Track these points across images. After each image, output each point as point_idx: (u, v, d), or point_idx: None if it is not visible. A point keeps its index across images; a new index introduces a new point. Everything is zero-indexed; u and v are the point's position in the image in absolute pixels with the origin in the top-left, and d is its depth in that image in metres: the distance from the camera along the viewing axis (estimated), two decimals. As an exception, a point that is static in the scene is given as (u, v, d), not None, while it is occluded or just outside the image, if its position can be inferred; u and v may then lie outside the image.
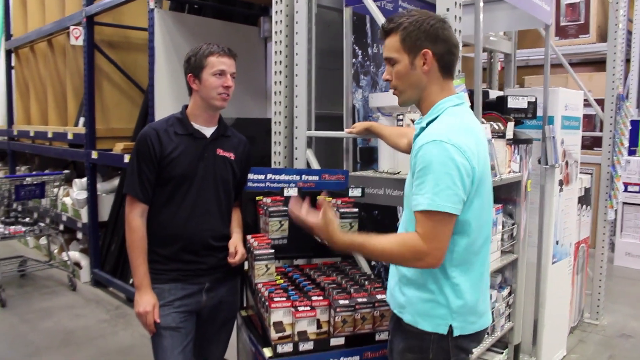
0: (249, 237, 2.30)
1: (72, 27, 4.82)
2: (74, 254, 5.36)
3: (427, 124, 1.65)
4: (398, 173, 2.73)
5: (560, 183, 3.42)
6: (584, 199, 4.04)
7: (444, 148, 1.51)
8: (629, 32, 6.44)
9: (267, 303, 2.10)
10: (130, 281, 4.62)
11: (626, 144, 4.19)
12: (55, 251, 5.66)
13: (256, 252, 2.20)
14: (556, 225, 3.41)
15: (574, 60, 6.97)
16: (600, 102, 4.37)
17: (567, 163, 3.51)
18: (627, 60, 6.41)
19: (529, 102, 2.95)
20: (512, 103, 2.89)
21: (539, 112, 3.16)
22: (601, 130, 6.10)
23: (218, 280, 2.22)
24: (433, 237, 1.53)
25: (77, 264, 5.29)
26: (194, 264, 2.15)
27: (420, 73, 1.64)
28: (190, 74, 2.14)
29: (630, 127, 4.35)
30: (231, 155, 2.24)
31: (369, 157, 3.04)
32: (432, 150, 1.52)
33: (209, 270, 2.18)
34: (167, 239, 2.13)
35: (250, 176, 2.40)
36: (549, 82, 3.28)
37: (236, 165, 2.26)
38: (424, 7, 3.39)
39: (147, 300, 2.08)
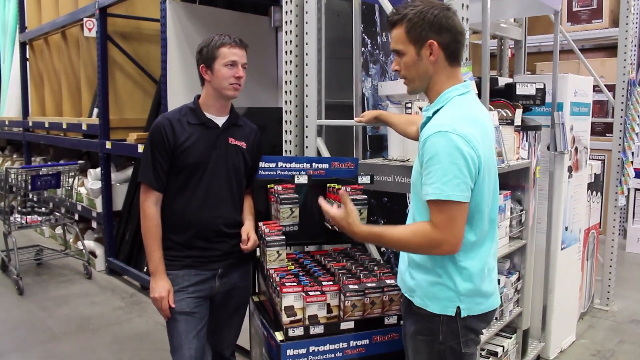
0: (260, 224, 2.35)
1: (85, 19, 4.89)
2: (89, 243, 5.47)
3: (433, 113, 1.69)
4: (407, 160, 2.77)
5: (570, 169, 3.44)
6: (594, 185, 4.05)
7: (450, 138, 1.56)
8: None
9: (278, 288, 2.16)
10: (145, 269, 4.72)
11: (637, 129, 4.18)
12: (71, 240, 5.77)
13: (268, 238, 2.25)
14: (565, 211, 3.43)
15: (586, 46, 6.92)
16: (612, 87, 4.36)
17: (576, 149, 3.52)
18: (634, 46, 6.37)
19: (537, 89, 2.97)
20: (520, 90, 2.91)
21: (548, 99, 3.18)
22: (613, 117, 6.11)
23: (231, 266, 2.28)
24: (446, 225, 1.57)
25: (92, 253, 5.39)
26: (207, 251, 2.21)
27: (427, 63, 1.68)
28: (202, 65, 2.18)
29: (641, 113, 4.33)
30: (243, 144, 2.29)
31: (378, 145, 3.08)
32: (438, 141, 1.57)
33: (221, 256, 2.24)
34: (181, 226, 2.19)
35: (262, 164, 2.45)
36: (561, 68, 3.29)
37: (247, 154, 2.32)
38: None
39: (162, 286, 2.15)
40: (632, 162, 4.24)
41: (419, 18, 1.64)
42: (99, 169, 5.33)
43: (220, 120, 2.25)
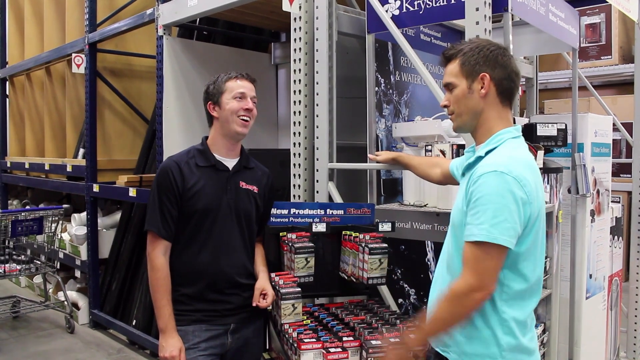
0: (273, 275, 2.34)
1: (74, 55, 4.95)
2: (72, 294, 5.39)
3: (486, 153, 1.72)
4: (425, 205, 2.79)
5: (592, 213, 3.47)
6: (616, 230, 4.08)
7: (505, 180, 1.59)
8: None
9: (295, 344, 2.15)
10: (134, 322, 4.64)
11: (658, 170, 4.24)
12: (51, 291, 5.68)
13: (282, 290, 2.24)
14: (589, 257, 3.45)
15: (595, 83, 7.08)
16: (626, 126, 4.45)
17: (598, 192, 3.57)
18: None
19: (558, 130, 3.02)
20: (541, 131, 2.96)
21: (568, 139, 3.23)
22: (628, 156, 6.21)
23: (243, 320, 2.26)
24: (483, 269, 1.59)
25: (75, 305, 5.31)
26: (219, 304, 2.19)
27: (478, 97, 1.74)
28: (209, 102, 2.23)
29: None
30: (255, 188, 2.31)
31: (392, 189, 3.11)
32: (492, 181, 1.60)
33: (234, 310, 2.22)
34: (191, 277, 2.17)
35: (273, 211, 2.46)
36: (569, 106, 3.37)
37: (259, 199, 2.33)
38: (447, 32, 3.51)
39: (172, 345, 2.11)
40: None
41: (475, 52, 1.74)
42: (84, 214, 5.30)
43: (230, 163, 2.26)
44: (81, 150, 5.39)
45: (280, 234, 2.47)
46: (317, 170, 2.98)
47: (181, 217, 2.18)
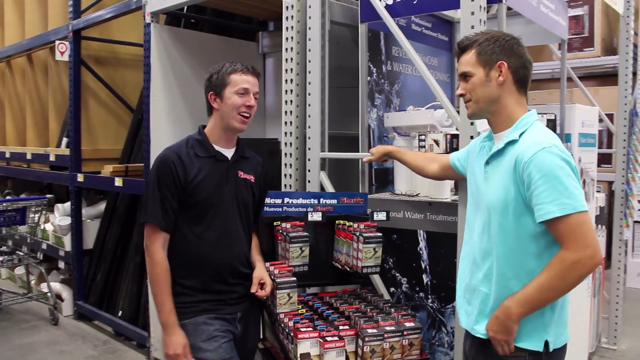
0: (267, 264, 2.34)
1: (57, 42, 4.85)
2: (55, 285, 5.31)
3: (520, 136, 1.76)
4: (417, 195, 2.81)
5: (579, 203, 3.52)
6: (599, 219, 4.15)
7: (556, 153, 1.66)
8: (635, 46, 6.67)
9: (292, 334, 2.15)
10: (120, 313, 4.61)
11: (641, 161, 4.32)
12: (33, 282, 5.60)
13: (278, 280, 2.24)
14: (575, 246, 3.50)
15: (577, 74, 7.16)
16: (608, 117, 4.52)
17: (584, 182, 3.62)
18: (634, 74, 6.63)
19: (548, 120, 3.06)
20: (531, 121, 2.99)
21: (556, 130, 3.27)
22: (609, 147, 6.31)
23: (247, 309, 2.26)
24: (582, 238, 1.62)
25: (59, 296, 5.24)
26: (225, 294, 2.18)
27: (495, 85, 1.79)
28: (211, 92, 2.19)
29: (643, 144, 4.49)
30: (251, 178, 2.30)
31: (384, 178, 3.11)
32: (547, 157, 1.65)
33: (239, 299, 2.22)
34: (195, 269, 2.15)
35: (267, 200, 2.45)
36: (552, 97, 3.40)
37: (256, 188, 2.32)
38: (437, 22, 3.52)
39: (176, 342, 2.08)
40: (635, 195, 4.37)
41: (491, 42, 1.79)
42: (67, 204, 5.23)
43: (228, 153, 2.25)
44: (64, 140, 5.30)
45: (274, 223, 2.46)
46: (309, 160, 2.97)
47: (183, 208, 2.15)
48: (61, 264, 5.43)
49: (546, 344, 1.73)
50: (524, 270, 1.73)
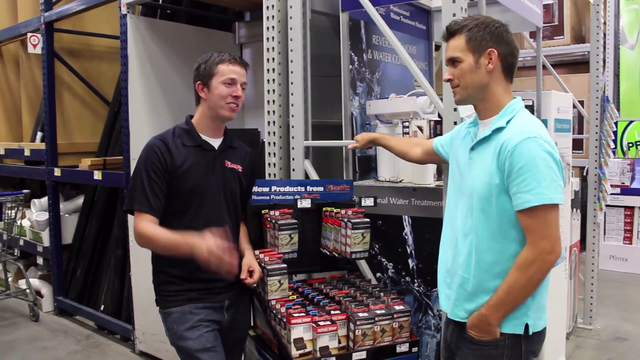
0: (257, 252, 2.36)
1: (29, 35, 4.76)
2: (34, 281, 5.24)
3: (507, 123, 1.78)
4: (400, 181, 2.85)
5: (555, 187, 3.61)
6: (574, 202, 4.26)
7: (539, 144, 1.68)
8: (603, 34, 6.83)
9: (285, 320, 2.17)
10: (102, 307, 4.57)
11: (612, 145, 4.44)
12: (10, 279, 5.51)
13: (268, 267, 2.25)
14: (552, 229, 3.59)
15: (548, 62, 7.33)
16: (580, 104, 4.63)
17: (560, 166, 3.71)
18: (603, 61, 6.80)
19: (526, 106, 3.12)
20: (510, 107, 3.06)
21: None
22: (580, 133, 6.46)
23: (235, 297, 2.27)
24: (550, 231, 1.67)
25: (38, 292, 5.17)
26: (212, 282, 2.19)
27: (484, 72, 1.80)
28: (199, 82, 2.19)
29: (614, 129, 4.61)
30: (239, 167, 2.31)
31: (367, 165, 3.15)
32: (529, 147, 1.68)
33: (226, 287, 2.23)
34: (181, 258, 2.15)
35: (254, 189, 2.46)
36: (525, 84, 3.47)
37: (243, 177, 2.33)
38: (415, 11, 3.56)
39: (202, 241, 1.97)
40: (608, 179, 4.49)
41: (481, 28, 1.79)
42: (44, 199, 5.16)
43: (215, 142, 2.25)
44: (39, 134, 5.22)
45: (262, 211, 2.48)
46: (293, 149, 2.99)
47: (169, 197, 2.15)
48: (39, 260, 5.37)
49: (526, 327, 1.78)
50: (505, 255, 1.76)
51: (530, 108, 3.11)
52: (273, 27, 3.02)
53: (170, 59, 4.16)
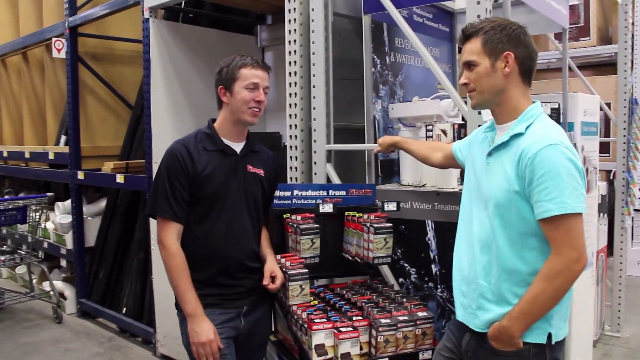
0: (278, 257, 2.34)
1: (54, 39, 4.83)
2: (57, 284, 5.30)
3: (526, 129, 1.73)
4: (423, 185, 2.81)
5: (582, 191, 3.53)
6: (601, 207, 4.18)
7: (562, 151, 1.63)
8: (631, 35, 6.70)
9: (306, 325, 2.15)
10: (124, 310, 4.60)
11: (641, 148, 4.35)
12: (35, 281, 5.58)
13: (290, 272, 2.24)
14: (579, 234, 3.52)
15: (573, 64, 7.21)
16: (607, 106, 4.53)
17: (587, 170, 3.64)
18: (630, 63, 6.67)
19: (552, 109, 3.06)
20: (535, 110, 3.00)
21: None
22: (606, 136, 6.34)
23: (255, 303, 2.25)
24: (574, 240, 1.62)
25: (61, 294, 5.23)
26: (231, 288, 2.18)
27: (501, 76, 1.75)
28: (221, 86, 2.18)
29: (643, 132, 4.51)
30: (261, 172, 2.29)
31: (389, 169, 3.12)
32: (551, 154, 1.63)
33: (246, 293, 2.21)
34: (202, 263, 2.15)
35: (276, 193, 2.45)
36: (550, 87, 3.41)
37: (265, 182, 2.32)
38: (439, 13, 3.52)
39: (207, 328, 2.07)
40: (636, 183, 4.40)
41: (497, 31, 1.74)
42: (67, 202, 5.22)
43: (237, 147, 2.24)
44: (63, 137, 5.29)
45: (284, 215, 2.46)
46: (315, 152, 2.97)
47: (190, 202, 2.14)
48: (63, 262, 5.42)
49: (549, 336, 1.73)
50: (525, 264, 1.72)
51: (556, 111, 3.05)
52: (295, 30, 3.01)
53: (193, 62, 4.18)
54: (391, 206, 2.44)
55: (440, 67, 3.64)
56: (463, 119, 2.65)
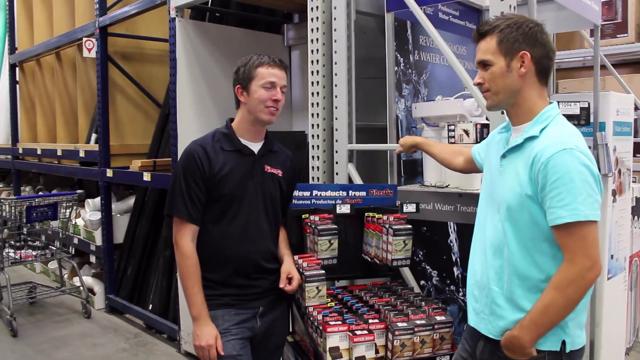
0: (296, 257, 2.33)
1: (85, 39, 4.92)
2: (87, 279, 5.41)
3: (540, 132, 1.68)
4: (447, 186, 2.76)
5: (614, 193, 3.43)
6: (636, 210, 4.04)
7: (576, 156, 1.57)
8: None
9: (321, 327, 2.14)
10: (150, 307, 4.66)
11: (679, 149, 4.19)
12: (66, 276, 5.70)
13: (306, 273, 2.22)
14: (610, 238, 3.42)
15: (610, 62, 6.99)
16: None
17: (619, 171, 3.52)
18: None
19: (581, 108, 2.98)
20: (564, 109, 2.92)
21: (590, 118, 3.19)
22: (645, 136, 6.13)
23: (271, 304, 2.24)
24: (588, 248, 1.56)
25: (90, 290, 5.33)
26: (247, 288, 2.17)
27: (516, 76, 1.70)
28: (238, 86, 2.17)
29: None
30: (279, 172, 2.28)
31: (412, 170, 3.07)
32: (565, 160, 1.57)
33: (262, 293, 2.21)
34: (218, 263, 2.15)
35: (295, 193, 2.44)
36: (584, 85, 3.31)
37: (283, 182, 2.30)
38: (465, 10, 3.46)
39: (208, 333, 2.08)
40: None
41: (513, 29, 1.68)
42: (97, 199, 5.31)
43: (255, 147, 2.23)
44: (93, 136, 5.39)
45: (303, 216, 2.45)
46: (337, 152, 2.95)
47: (207, 202, 2.15)
48: (92, 258, 5.52)
49: (563, 344, 1.68)
50: (538, 269, 1.67)
51: (585, 110, 2.96)
52: (317, 28, 3.00)
53: (219, 61, 4.20)
54: (410, 207, 2.40)
55: (467, 65, 3.59)
56: (487, 118, 2.59)
